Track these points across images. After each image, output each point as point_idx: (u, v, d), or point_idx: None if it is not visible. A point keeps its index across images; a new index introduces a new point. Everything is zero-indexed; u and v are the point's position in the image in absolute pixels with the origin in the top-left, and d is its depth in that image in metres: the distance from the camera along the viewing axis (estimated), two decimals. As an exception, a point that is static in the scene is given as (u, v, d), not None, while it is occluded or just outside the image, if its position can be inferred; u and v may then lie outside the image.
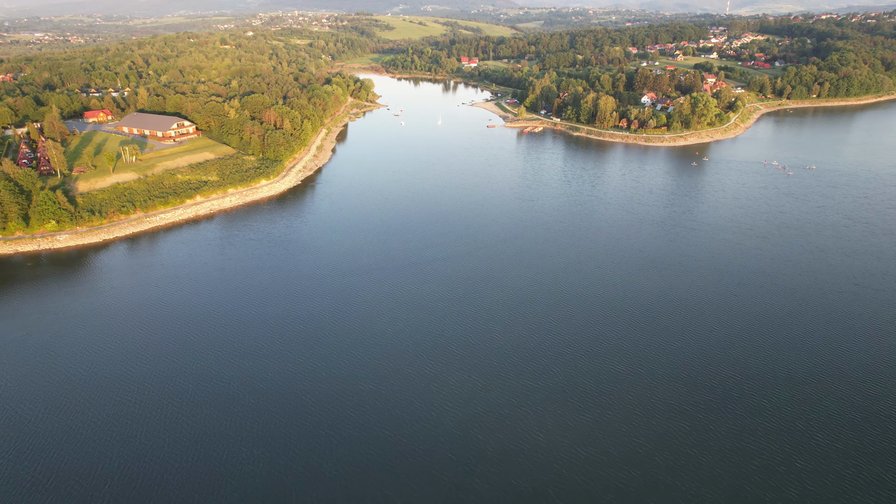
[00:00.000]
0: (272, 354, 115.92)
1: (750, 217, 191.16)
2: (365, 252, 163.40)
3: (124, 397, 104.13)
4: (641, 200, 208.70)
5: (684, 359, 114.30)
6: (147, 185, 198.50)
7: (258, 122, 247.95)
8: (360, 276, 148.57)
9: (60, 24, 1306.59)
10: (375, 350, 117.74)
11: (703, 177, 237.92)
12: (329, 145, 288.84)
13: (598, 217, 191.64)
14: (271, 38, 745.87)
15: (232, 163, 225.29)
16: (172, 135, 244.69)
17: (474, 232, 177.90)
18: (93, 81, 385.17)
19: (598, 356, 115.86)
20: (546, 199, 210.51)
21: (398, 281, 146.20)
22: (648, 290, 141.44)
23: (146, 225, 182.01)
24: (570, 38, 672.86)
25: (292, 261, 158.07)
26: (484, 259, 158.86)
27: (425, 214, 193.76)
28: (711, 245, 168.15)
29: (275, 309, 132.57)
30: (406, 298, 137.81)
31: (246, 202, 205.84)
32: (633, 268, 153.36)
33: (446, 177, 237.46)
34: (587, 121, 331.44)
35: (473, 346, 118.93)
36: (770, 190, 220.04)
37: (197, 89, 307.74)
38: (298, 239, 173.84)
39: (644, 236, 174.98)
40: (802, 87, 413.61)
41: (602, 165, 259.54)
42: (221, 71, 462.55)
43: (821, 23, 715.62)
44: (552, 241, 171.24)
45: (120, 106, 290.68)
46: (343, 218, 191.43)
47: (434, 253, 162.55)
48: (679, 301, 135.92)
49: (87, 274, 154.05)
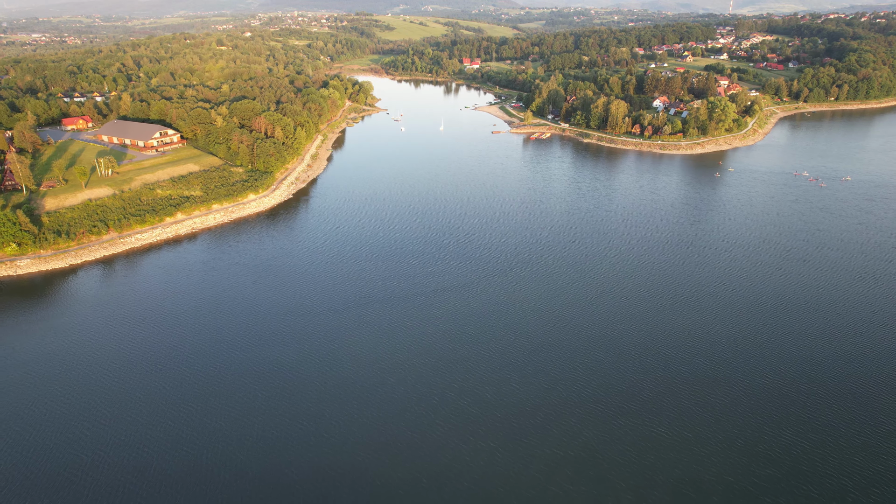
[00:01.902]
0: (248, 415, 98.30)
1: (785, 236, 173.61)
2: (361, 280, 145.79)
3: (72, 482, 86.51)
4: (664, 216, 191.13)
5: (736, 421, 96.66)
6: (123, 201, 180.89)
7: (247, 130, 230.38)
8: (355, 312, 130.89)
9: (59, 24, 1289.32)
10: (372, 407, 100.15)
11: (728, 189, 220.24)
12: (324, 154, 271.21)
13: (617, 237, 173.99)
14: (269, 39, 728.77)
15: (218, 175, 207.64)
16: (155, 144, 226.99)
17: (481, 256, 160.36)
18: (79, 85, 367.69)
19: (634, 414, 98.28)
20: (559, 216, 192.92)
21: (398, 317, 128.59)
22: (683, 328, 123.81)
23: (119, 247, 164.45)
24: (575, 39, 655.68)
25: (280, 292, 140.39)
26: (494, 290, 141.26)
27: (427, 234, 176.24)
28: (748, 270, 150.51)
29: (255, 356, 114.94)
30: (407, 340, 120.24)
31: (232, 219, 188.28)
32: (664, 300, 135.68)
33: (449, 190, 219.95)
34: (597, 126, 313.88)
35: (488, 402, 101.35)
36: (802, 204, 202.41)
37: (185, 94, 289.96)
38: (288, 264, 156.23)
39: (672, 261, 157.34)
40: (820, 90, 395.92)
41: (617, 176, 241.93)
42: (214, 73, 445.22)
43: (830, 22, 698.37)
44: (569, 267, 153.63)
45: (102, 112, 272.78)
46: (337, 238, 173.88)
47: (438, 281, 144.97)
48: (720, 343, 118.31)
49: (46, 307, 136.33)
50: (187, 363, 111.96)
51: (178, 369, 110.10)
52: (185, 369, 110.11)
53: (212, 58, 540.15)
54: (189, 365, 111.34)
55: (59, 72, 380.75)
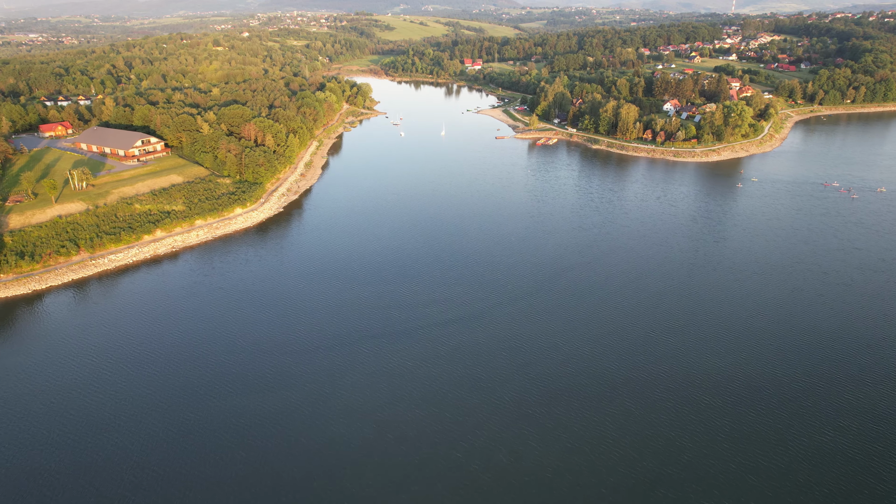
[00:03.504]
0: (220, 489, 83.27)
1: (820, 256, 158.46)
2: (355, 309, 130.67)
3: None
4: (686, 232, 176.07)
5: (797, 494, 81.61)
6: (97, 217, 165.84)
7: (236, 137, 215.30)
8: (348, 350, 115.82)
9: (57, 24, 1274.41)
10: (368, 475, 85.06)
11: (751, 201, 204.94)
12: (319, 161, 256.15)
13: (637, 257, 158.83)
14: (267, 40, 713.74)
15: (202, 188, 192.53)
16: (136, 153, 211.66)
17: (489, 280, 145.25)
18: (64, 87, 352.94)
19: (673, 483, 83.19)
20: (572, 232, 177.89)
21: (397, 356, 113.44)
22: (722, 371, 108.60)
23: (91, 269, 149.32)
24: (579, 39, 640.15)
25: (265, 324, 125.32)
26: (504, 322, 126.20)
27: (429, 254, 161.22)
28: (786, 299, 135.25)
29: (233, 406, 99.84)
30: (408, 385, 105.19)
31: (216, 236, 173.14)
32: (696, 335, 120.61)
33: (452, 202, 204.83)
34: (607, 132, 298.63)
35: (502, 468, 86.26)
36: (834, 218, 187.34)
37: (172, 98, 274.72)
38: (274, 289, 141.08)
39: (700, 286, 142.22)
40: (836, 92, 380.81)
41: (630, 185, 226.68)
42: (208, 75, 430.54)
43: (838, 21, 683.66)
44: (586, 294, 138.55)
45: (84, 117, 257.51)
46: (330, 259, 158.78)
47: (442, 311, 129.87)
48: (766, 391, 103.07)
49: (1, 343, 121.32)
50: (155, 416, 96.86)
51: (144, 424, 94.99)
52: (151, 424, 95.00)
53: (206, 59, 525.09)
54: (158, 418, 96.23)
55: (44, 74, 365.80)
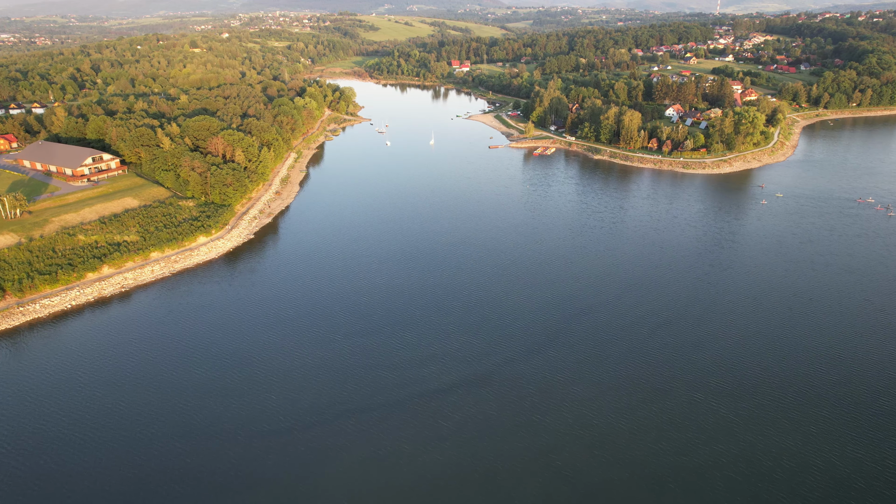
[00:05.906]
0: None
1: (870, 290, 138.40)
2: (331, 376, 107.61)
3: None
4: (713, 260, 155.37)
5: None
6: (30, 252, 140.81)
7: (201, 153, 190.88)
8: (319, 438, 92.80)
9: (31, 24, 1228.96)
10: None
11: (778, 221, 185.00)
12: (297, 176, 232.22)
13: (665, 296, 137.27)
14: (247, 41, 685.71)
15: (161, 212, 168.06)
16: (86, 172, 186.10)
17: (494, 328, 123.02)
18: (20, 93, 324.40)
19: None
20: (587, 264, 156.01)
21: (384, 445, 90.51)
22: (792, 450, 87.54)
23: (17, 318, 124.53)
24: (569, 40, 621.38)
25: (224, 398, 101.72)
26: (516, 389, 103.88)
27: (421, 293, 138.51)
28: (844, 348, 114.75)
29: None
30: (407, 481, 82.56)
31: (175, 271, 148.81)
32: (752, 401, 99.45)
33: (447, 226, 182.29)
34: (608, 140, 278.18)
35: None
36: (872, 240, 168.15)
37: (134, 107, 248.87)
38: (239, 346, 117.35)
39: (747, 336, 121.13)
40: (842, 95, 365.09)
41: (642, 203, 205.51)
42: (179, 80, 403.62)
43: (829, 21, 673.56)
44: (613, 346, 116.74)
45: (32, 129, 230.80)
46: (304, 302, 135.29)
47: (440, 374, 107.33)
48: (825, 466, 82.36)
49: None
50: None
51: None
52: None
53: (181, 61, 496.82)
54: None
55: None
